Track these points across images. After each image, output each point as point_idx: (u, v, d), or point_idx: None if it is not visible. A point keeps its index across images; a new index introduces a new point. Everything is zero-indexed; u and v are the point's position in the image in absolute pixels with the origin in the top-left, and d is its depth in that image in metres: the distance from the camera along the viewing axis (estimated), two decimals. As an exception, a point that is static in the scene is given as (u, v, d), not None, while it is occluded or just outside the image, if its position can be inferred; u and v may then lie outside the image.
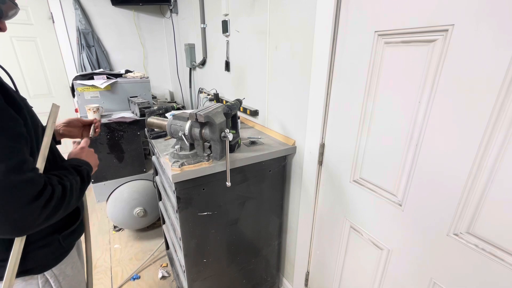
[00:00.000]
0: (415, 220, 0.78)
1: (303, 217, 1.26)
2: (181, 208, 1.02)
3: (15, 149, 0.51)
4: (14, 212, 0.49)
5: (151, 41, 2.93)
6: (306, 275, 1.33)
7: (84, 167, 0.73)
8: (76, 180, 0.66)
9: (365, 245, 0.97)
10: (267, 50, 1.27)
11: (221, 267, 1.25)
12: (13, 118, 0.52)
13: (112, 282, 1.66)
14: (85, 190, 0.71)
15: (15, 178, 0.49)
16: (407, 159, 0.77)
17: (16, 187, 0.49)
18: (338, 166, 1.02)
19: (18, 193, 0.49)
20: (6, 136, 0.50)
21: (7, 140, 0.50)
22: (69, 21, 2.50)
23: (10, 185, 0.48)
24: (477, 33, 0.57)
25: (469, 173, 0.63)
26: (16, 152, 0.51)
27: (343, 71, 0.91)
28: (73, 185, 0.63)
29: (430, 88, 0.67)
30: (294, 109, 1.18)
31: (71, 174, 0.66)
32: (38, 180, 0.53)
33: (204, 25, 1.93)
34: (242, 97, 1.58)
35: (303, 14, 1.02)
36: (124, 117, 1.90)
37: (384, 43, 0.76)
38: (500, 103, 0.56)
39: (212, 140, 0.98)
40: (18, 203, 0.50)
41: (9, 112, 0.52)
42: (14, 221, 0.50)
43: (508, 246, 0.60)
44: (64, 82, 2.67)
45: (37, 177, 0.53)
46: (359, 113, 0.89)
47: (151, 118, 1.10)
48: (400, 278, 0.87)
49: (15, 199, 0.49)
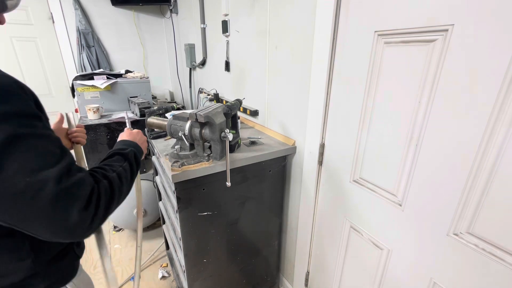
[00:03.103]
0: (415, 220, 0.78)
1: (303, 217, 1.26)
2: (181, 208, 1.02)
3: (61, 152, 0.49)
4: (72, 217, 0.46)
5: (151, 41, 2.93)
6: (306, 275, 1.33)
7: (130, 149, 0.70)
8: (124, 166, 0.63)
9: (365, 245, 0.97)
10: (267, 50, 1.27)
11: (221, 267, 1.25)
12: (49, 127, 0.51)
13: (112, 282, 1.66)
14: (136, 174, 0.68)
15: (68, 181, 0.47)
16: (407, 159, 0.77)
17: (70, 190, 0.47)
18: (338, 166, 1.02)
19: (73, 196, 0.47)
20: (48, 140, 0.48)
21: (51, 145, 0.48)
22: (69, 21, 2.50)
23: (65, 190, 0.46)
24: (477, 33, 0.57)
25: (469, 173, 0.63)
26: (62, 155, 0.49)
27: (343, 71, 0.91)
28: (121, 173, 0.60)
29: (430, 88, 0.67)
30: (294, 109, 1.18)
31: (117, 162, 0.63)
32: (89, 179, 0.51)
33: (204, 25, 1.93)
34: (242, 97, 1.58)
35: (303, 14, 1.02)
36: (124, 117, 1.89)
37: (384, 43, 0.76)
38: (500, 103, 0.56)
39: (212, 140, 0.98)
40: (74, 207, 0.47)
41: (45, 121, 0.50)
42: (74, 226, 0.47)
43: (508, 246, 0.60)
44: (64, 82, 2.67)
45: (87, 176, 0.51)
46: (359, 113, 0.89)
47: (151, 118, 1.11)
48: (400, 278, 0.87)
49: (71, 202, 0.46)
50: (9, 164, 0.42)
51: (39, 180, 0.43)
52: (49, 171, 0.45)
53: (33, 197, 0.43)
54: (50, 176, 0.45)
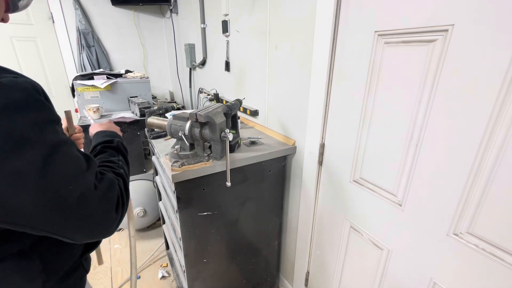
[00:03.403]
0: (415, 220, 0.78)
1: (303, 217, 1.25)
2: (181, 208, 1.02)
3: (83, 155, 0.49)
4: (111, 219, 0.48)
5: (151, 41, 2.93)
6: (306, 275, 1.33)
7: (116, 139, 0.69)
8: (121, 160, 0.63)
9: (365, 245, 0.97)
10: (267, 50, 1.27)
11: (221, 267, 1.25)
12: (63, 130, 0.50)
13: (112, 282, 1.66)
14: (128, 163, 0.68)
15: (102, 184, 0.48)
16: (407, 159, 0.77)
17: (105, 195, 0.48)
18: (338, 166, 1.02)
19: (110, 200, 0.48)
20: (71, 145, 0.47)
21: (75, 149, 0.47)
22: (69, 21, 2.50)
23: (103, 194, 0.47)
24: (477, 33, 0.57)
25: (469, 173, 0.63)
26: (86, 158, 0.49)
27: (343, 71, 0.91)
28: (124, 168, 0.61)
29: (430, 88, 0.67)
30: (294, 109, 1.18)
31: (114, 156, 0.63)
32: (114, 180, 0.52)
33: (204, 25, 1.93)
34: (242, 97, 1.58)
35: (303, 14, 1.02)
36: (124, 117, 1.90)
37: (384, 43, 0.76)
38: (500, 102, 0.56)
39: (212, 140, 0.98)
40: (112, 210, 0.48)
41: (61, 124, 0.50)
42: (111, 226, 0.49)
43: (508, 246, 0.60)
44: (64, 82, 2.67)
45: (112, 177, 0.52)
46: (359, 113, 0.89)
47: (151, 118, 1.10)
48: (400, 278, 0.87)
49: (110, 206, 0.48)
50: (52, 173, 0.41)
51: (79, 186, 0.44)
52: (85, 176, 0.45)
53: (77, 205, 0.43)
54: (88, 182, 0.45)
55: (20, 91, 0.41)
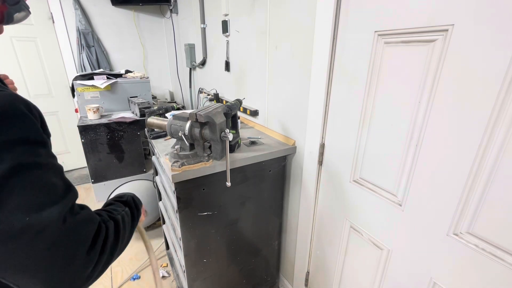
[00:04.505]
0: (415, 220, 0.78)
1: (303, 217, 1.26)
2: (181, 208, 1.02)
3: (65, 185, 0.44)
4: (71, 263, 0.40)
5: (151, 41, 2.93)
6: (306, 275, 1.33)
7: (127, 194, 0.66)
8: (126, 211, 0.58)
9: (365, 245, 0.97)
10: (267, 50, 1.27)
11: (221, 267, 1.25)
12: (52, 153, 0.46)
13: (112, 282, 1.66)
14: (137, 221, 0.63)
15: (73, 219, 0.41)
16: (407, 159, 0.77)
17: (75, 230, 0.41)
18: (338, 166, 1.02)
19: (77, 238, 0.41)
20: (52, 171, 0.43)
21: (54, 176, 0.42)
22: (69, 21, 2.50)
23: (69, 229, 0.40)
24: (477, 33, 0.57)
25: (469, 173, 0.63)
26: (66, 189, 0.44)
27: (343, 71, 0.91)
28: (124, 217, 0.55)
29: (430, 88, 0.67)
30: (294, 109, 1.18)
31: (119, 207, 0.58)
32: (95, 216, 0.46)
33: (204, 25, 1.93)
34: (242, 97, 1.58)
35: (303, 14, 1.02)
36: (124, 117, 1.90)
37: (384, 43, 0.76)
38: (500, 102, 0.56)
39: (212, 140, 0.98)
40: (78, 250, 0.41)
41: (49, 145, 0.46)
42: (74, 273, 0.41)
43: (508, 246, 0.60)
44: (64, 82, 2.67)
45: (92, 213, 0.46)
46: (359, 113, 0.89)
47: (151, 118, 1.10)
48: (400, 278, 0.87)
49: (74, 245, 0.41)
50: (10, 200, 0.36)
51: (41, 220, 0.38)
52: (53, 208, 0.40)
53: (31, 240, 0.37)
54: (54, 215, 0.39)
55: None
